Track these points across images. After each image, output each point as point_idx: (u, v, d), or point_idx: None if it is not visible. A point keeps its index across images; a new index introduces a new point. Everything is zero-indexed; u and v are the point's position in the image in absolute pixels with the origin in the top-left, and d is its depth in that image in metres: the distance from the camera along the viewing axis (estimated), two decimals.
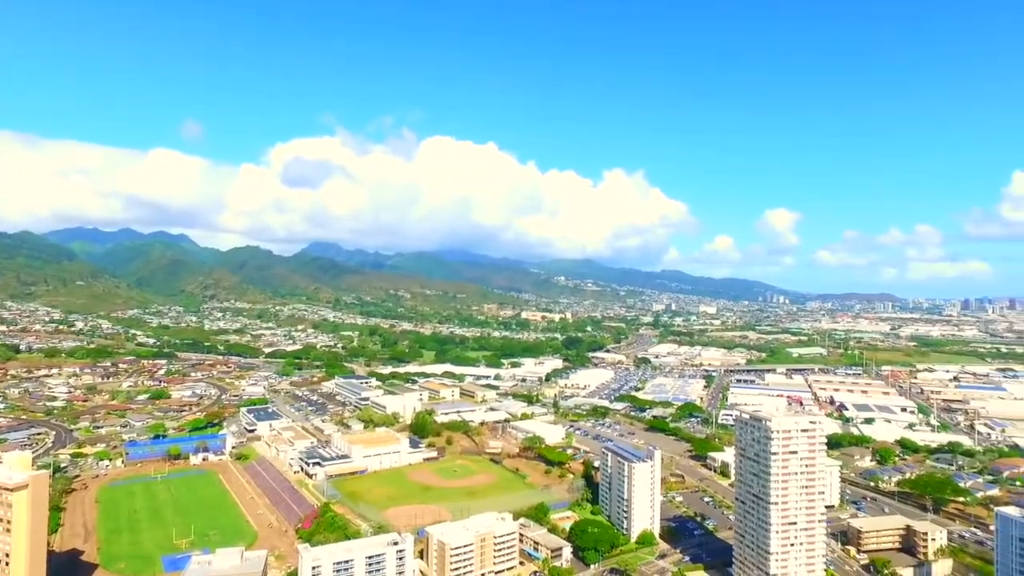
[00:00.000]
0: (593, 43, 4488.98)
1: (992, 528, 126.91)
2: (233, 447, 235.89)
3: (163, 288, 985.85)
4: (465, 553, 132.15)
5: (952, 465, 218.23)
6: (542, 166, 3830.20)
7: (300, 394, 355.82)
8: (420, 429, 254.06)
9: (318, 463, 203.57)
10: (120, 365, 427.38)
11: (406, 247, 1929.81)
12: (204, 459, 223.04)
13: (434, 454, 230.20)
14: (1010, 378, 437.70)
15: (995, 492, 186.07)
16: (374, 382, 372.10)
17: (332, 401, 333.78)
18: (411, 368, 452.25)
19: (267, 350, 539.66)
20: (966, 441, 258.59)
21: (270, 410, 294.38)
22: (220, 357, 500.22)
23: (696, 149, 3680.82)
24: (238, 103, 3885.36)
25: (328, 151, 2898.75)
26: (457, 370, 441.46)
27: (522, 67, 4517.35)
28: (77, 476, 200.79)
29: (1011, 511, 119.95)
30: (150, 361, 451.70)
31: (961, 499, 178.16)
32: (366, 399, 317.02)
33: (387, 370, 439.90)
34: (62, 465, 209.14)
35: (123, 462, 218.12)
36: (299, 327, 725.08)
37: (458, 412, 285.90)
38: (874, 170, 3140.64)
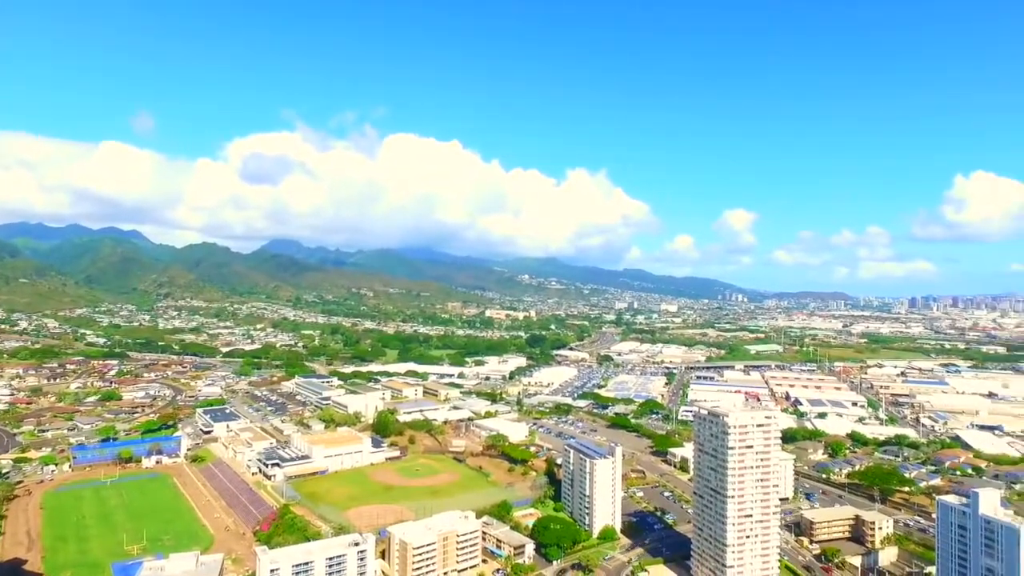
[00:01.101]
0: (557, 43, 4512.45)
1: (934, 516, 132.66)
2: (188, 449, 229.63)
3: (114, 286, 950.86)
4: (427, 552, 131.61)
5: (898, 457, 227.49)
6: (506, 164, 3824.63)
7: (259, 394, 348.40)
8: (383, 428, 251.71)
9: (277, 464, 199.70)
10: (68, 366, 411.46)
11: (368, 245, 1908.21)
12: (158, 462, 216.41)
13: (397, 453, 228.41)
14: (952, 373, 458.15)
15: (937, 482, 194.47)
16: (335, 381, 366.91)
17: (292, 401, 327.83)
18: (374, 367, 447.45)
19: (224, 349, 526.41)
20: (912, 434, 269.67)
21: (227, 411, 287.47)
22: (175, 357, 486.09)
23: (658, 150, 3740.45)
24: (194, 96, 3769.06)
25: (288, 147, 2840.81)
26: (420, 369, 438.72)
27: (486, 65, 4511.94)
28: (20, 482, 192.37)
29: (951, 499, 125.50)
30: (100, 361, 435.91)
31: (906, 489, 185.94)
32: (327, 399, 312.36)
33: (349, 369, 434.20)
34: (3, 471, 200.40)
35: (70, 466, 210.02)
36: (258, 326, 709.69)
37: (421, 411, 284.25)
38: (827, 172, 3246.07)
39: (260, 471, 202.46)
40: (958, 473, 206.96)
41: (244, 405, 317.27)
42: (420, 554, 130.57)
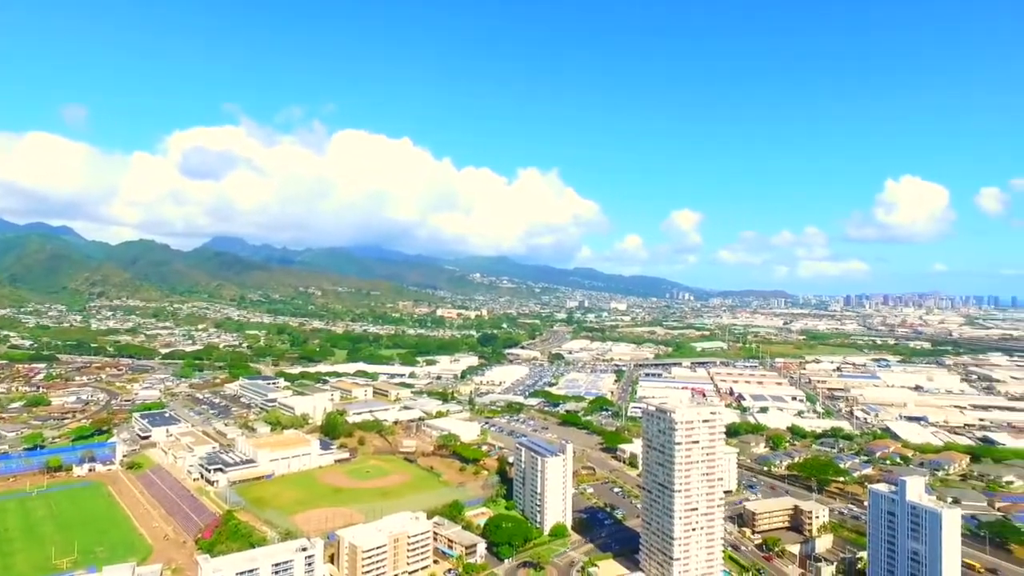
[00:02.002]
0: (508, 41, 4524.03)
1: (866, 504, 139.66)
2: (124, 455, 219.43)
3: (42, 285, 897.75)
4: (378, 555, 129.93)
5: (834, 448, 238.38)
6: (457, 163, 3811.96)
7: (201, 397, 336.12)
8: (331, 430, 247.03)
9: (220, 469, 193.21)
10: None
11: (316, 243, 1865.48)
12: (91, 470, 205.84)
13: (346, 455, 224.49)
14: (883, 368, 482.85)
15: (869, 471, 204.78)
16: (282, 383, 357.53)
17: (236, 403, 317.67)
18: (322, 368, 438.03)
19: (164, 351, 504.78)
20: (846, 426, 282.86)
21: (167, 414, 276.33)
22: (109, 359, 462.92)
23: (608, 150, 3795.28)
24: (130, 87, 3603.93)
25: (232, 141, 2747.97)
26: (370, 369, 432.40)
27: (438, 63, 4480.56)
28: None
29: (881, 488, 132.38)
30: (26, 365, 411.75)
31: (841, 479, 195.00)
32: (273, 400, 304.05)
33: (296, 370, 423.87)
34: None
35: None
36: (200, 326, 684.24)
37: (371, 412, 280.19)
38: (767, 174, 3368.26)
39: (202, 476, 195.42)
40: (888, 462, 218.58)
41: (185, 408, 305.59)
42: (370, 557, 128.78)
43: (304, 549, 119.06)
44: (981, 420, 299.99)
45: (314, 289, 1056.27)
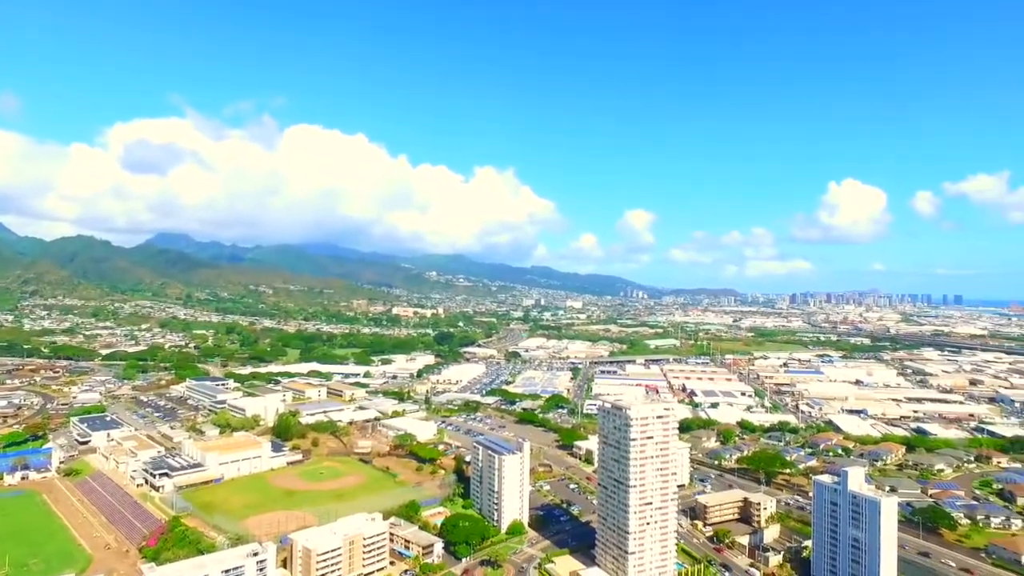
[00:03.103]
0: (465, 39, 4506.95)
1: (811, 494, 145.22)
2: (61, 462, 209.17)
3: None
4: (332, 557, 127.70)
5: (781, 442, 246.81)
6: (413, 160, 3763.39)
7: (145, 399, 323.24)
8: (283, 431, 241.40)
9: (166, 474, 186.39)
10: None
11: (267, 240, 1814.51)
12: (24, 478, 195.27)
13: (299, 457, 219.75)
14: (826, 363, 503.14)
15: (813, 463, 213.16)
16: (231, 384, 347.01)
17: (183, 406, 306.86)
18: (273, 368, 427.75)
19: (104, 352, 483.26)
20: (792, 420, 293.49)
21: (108, 418, 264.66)
22: (44, 361, 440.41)
23: (564, 150, 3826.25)
24: (67, 75, 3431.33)
25: (177, 134, 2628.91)
26: (324, 368, 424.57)
27: (392, 58, 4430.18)
28: None
29: (825, 479, 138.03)
30: None
31: (787, 471, 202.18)
32: (222, 402, 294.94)
33: (247, 370, 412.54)
34: None
35: None
36: (143, 326, 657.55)
37: (325, 412, 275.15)
38: (717, 176, 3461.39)
39: (146, 482, 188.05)
40: (831, 454, 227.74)
41: (128, 412, 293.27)
42: (324, 560, 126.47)
43: (255, 554, 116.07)
44: (915, 412, 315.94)
45: (265, 287, 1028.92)
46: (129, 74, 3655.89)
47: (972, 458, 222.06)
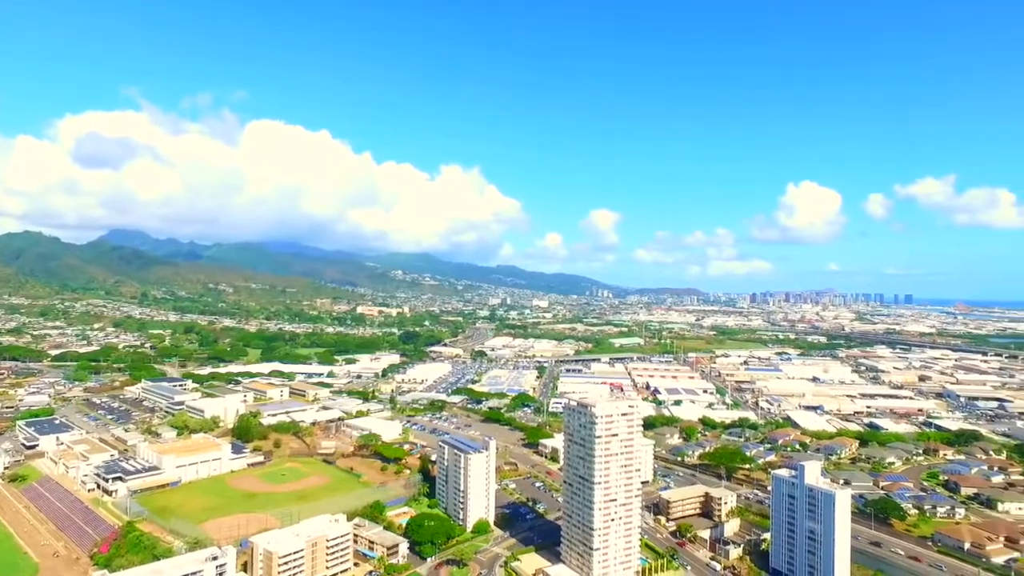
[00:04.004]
0: (429, 36, 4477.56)
1: (770, 488, 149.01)
2: (6, 467, 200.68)
3: None
4: (295, 560, 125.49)
5: (741, 437, 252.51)
6: (378, 157, 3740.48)
7: (98, 402, 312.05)
8: (244, 433, 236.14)
9: (120, 478, 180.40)
10: None
11: (227, 237, 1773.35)
12: None
13: (260, 459, 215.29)
14: (784, 361, 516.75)
15: (772, 458, 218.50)
16: (190, 384, 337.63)
17: (138, 408, 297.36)
18: (234, 368, 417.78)
19: (54, 353, 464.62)
20: (752, 416, 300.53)
21: (57, 421, 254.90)
22: None
23: (530, 149, 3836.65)
24: (11, 64, 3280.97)
25: (132, 128, 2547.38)
26: (286, 368, 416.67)
27: (357, 54, 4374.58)
28: None
29: (783, 473, 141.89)
30: None
31: (747, 466, 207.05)
32: (180, 403, 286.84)
33: (206, 371, 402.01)
34: None
35: None
36: (96, 325, 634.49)
37: (287, 413, 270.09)
38: (681, 177, 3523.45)
39: (99, 487, 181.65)
40: (789, 449, 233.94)
41: (79, 414, 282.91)
42: (286, 563, 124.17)
43: (214, 558, 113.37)
44: (868, 408, 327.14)
45: (225, 286, 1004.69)
46: (80, 64, 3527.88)
47: (920, 451, 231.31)
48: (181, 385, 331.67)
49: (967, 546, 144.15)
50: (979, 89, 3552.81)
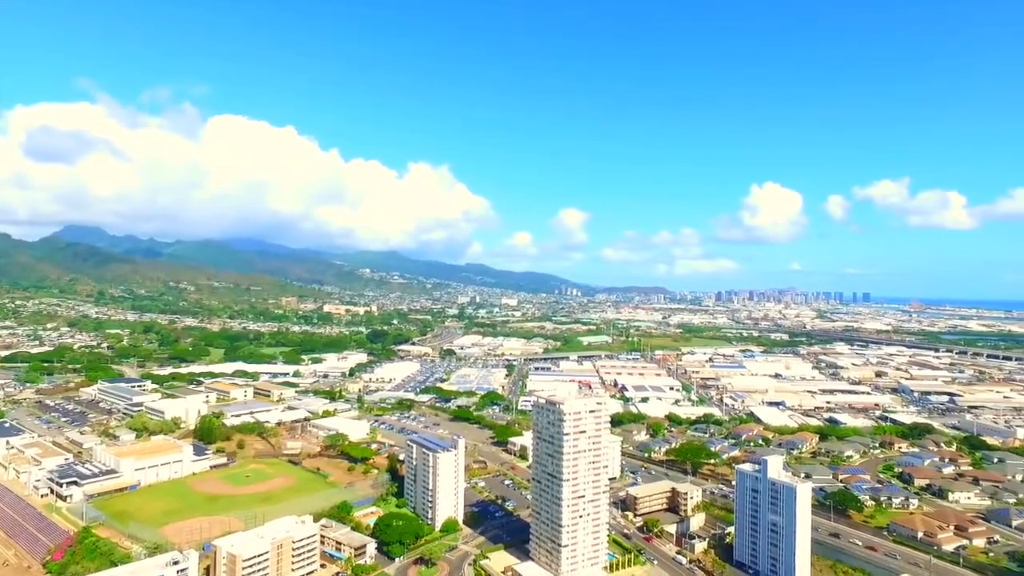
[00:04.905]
0: (397, 32, 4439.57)
1: (734, 483, 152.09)
2: None
3: None
4: (259, 563, 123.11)
5: (706, 433, 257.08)
6: (345, 154, 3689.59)
7: (51, 404, 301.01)
8: (207, 434, 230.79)
9: (75, 482, 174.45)
10: None
11: (188, 234, 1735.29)
12: None
13: (224, 460, 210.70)
14: (748, 358, 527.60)
15: (736, 453, 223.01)
16: (149, 385, 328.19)
17: (95, 410, 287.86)
18: (196, 368, 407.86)
19: (3, 353, 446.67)
20: (717, 412, 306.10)
21: (6, 424, 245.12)
22: None
23: (498, 147, 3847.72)
24: None
25: (87, 121, 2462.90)
26: (251, 368, 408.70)
27: (324, 48, 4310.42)
28: None
29: (747, 467, 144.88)
30: None
31: (712, 461, 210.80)
32: (139, 405, 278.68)
33: (166, 371, 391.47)
34: None
35: None
36: (49, 325, 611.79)
37: (251, 413, 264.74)
38: (648, 177, 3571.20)
39: (52, 492, 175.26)
40: (752, 444, 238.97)
41: (31, 417, 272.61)
42: (251, 565, 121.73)
43: (175, 563, 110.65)
44: (828, 403, 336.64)
45: (186, 284, 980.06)
46: (32, 53, 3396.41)
47: (877, 444, 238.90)
48: (140, 386, 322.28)
49: (920, 535, 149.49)
50: (932, 94, 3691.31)
